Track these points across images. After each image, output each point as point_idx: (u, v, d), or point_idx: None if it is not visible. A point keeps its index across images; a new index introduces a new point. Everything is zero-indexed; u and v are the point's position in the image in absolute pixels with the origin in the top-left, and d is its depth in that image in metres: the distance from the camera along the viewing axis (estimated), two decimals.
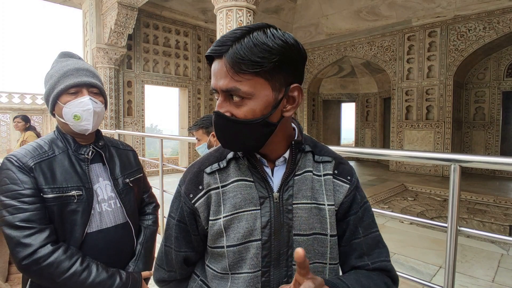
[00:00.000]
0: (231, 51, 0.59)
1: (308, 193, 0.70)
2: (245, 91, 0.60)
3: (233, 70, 0.59)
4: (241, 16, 4.04)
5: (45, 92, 1.09)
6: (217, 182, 0.70)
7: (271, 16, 9.31)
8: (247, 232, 0.66)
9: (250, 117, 0.62)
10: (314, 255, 0.69)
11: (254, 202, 0.68)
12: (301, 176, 0.71)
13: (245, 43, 0.59)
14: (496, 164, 1.19)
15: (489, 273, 2.60)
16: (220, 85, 0.61)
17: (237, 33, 0.61)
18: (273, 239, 0.67)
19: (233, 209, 0.67)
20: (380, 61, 8.79)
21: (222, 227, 0.67)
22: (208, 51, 0.63)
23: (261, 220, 0.67)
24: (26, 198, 0.94)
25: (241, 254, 0.67)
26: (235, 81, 0.60)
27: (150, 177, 7.60)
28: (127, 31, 6.88)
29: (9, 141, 7.84)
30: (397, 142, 8.56)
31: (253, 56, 0.58)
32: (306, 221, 0.68)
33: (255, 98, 0.61)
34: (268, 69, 0.60)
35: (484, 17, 7.04)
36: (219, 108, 0.63)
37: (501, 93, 7.83)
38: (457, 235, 1.22)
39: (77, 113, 1.05)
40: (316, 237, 0.69)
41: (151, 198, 1.35)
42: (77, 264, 0.96)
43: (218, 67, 0.62)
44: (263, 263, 0.67)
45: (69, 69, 1.07)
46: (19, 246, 0.92)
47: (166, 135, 4.26)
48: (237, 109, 0.62)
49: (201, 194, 0.70)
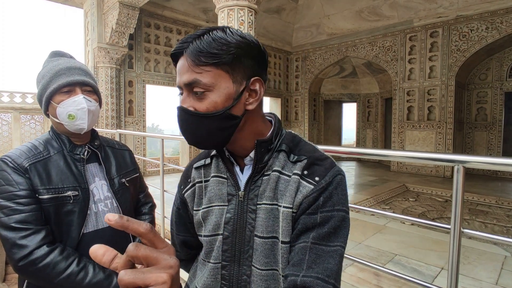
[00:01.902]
0: (191, 46, 0.63)
1: (271, 194, 0.67)
2: (206, 82, 0.62)
3: (194, 63, 0.62)
4: (243, 16, 4.02)
5: (37, 93, 1.08)
6: (201, 176, 0.77)
7: (273, 16, 9.30)
8: (216, 226, 0.71)
9: (212, 109, 0.63)
10: (272, 260, 0.65)
11: (223, 198, 0.72)
12: (269, 176, 0.68)
13: (204, 39, 0.63)
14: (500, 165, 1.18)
15: (492, 275, 2.58)
16: (183, 80, 0.64)
17: (198, 33, 0.64)
18: (234, 236, 0.69)
19: (208, 203, 0.73)
20: (382, 62, 8.77)
21: (201, 218, 0.73)
22: (172, 50, 0.67)
23: (225, 216, 0.70)
24: (22, 199, 0.94)
25: (211, 245, 0.71)
26: (196, 73, 0.62)
27: (151, 176, 7.60)
28: (128, 31, 6.88)
29: (10, 141, 7.84)
30: (398, 143, 8.53)
31: (211, 49, 0.61)
32: (265, 223, 0.66)
33: (216, 90, 0.63)
34: (227, 61, 0.62)
35: (486, 17, 7.00)
36: (182, 104, 0.66)
37: (503, 93, 7.78)
38: (461, 237, 1.21)
39: (71, 112, 1.04)
40: (274, 241, 0.65)
41: (147, 198, 1.34)
42: (73, 265, 0.96)
43: (181, 64, 0.65)
44: (223, 257, 0.70)
45: (61, 68, 1.06)
46: (15, 248, 0.91)
47: (167, 135, 4.24)
48: (199, 103, 0.64)
49: (189, 186, 0.79)
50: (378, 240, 3.38)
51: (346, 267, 2.63)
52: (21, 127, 7.94)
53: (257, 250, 0.66)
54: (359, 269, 2.61)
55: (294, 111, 10.98)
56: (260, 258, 0.66)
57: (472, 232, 1.24)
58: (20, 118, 7.94)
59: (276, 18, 9.42)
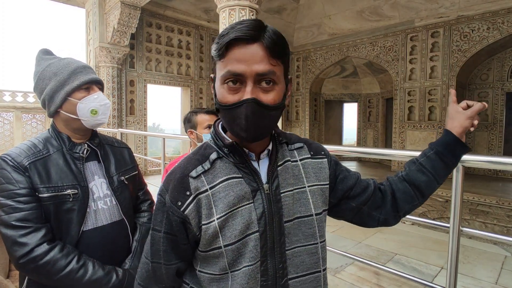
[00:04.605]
0: (268, 35, 0.63)
1: (291, 181, 0.74)
2: (278, 75, 0.65)
3: (271, 55, 0.62)
4: (244, 16, 4.04)
5: (48, 89, 1.06)
6: (205, 184, 0.68)
7: (274, 16, 9.30)
8: (244, 227, 0.67)
9: (278, 101, 0.66)
10: (303, 237, 0.73)
11: (247, 196, 0.69)
12: (283, 166, 0.75)
13: (271, 31, 0.64)
14: (499, 164, 1.18)
15: (492, 274, 2.58)
16: (256, 69, 0.62)
17: (254, 22, 0.63)
18: (268, 229, 0.69)
19: (227, 208, 0.67)
20: (383, 62, 8.76)
21: (218, 228, 0.66)
22: (241, 34, 0.61)
23: (256, 212, 0.69)
24: (22, 197, 0.95)
25: (240, 250, 0.67)
26: (271, 65, 0.63)
27: (152, 176, 7.61)
28: (130, 30, 6.90)
29: (12, 140, 7.87)
30: (399, 143, 8.53)
31: (281, 43, 0.64)
32: (292, 207, 0.73)
33: (280, 84, 0.66)
34: (287, 58, 0.68)
35: (488, 17, 6.99)
36: (252, 95, 0.62)
37: (504, 94, 7.77)
38: (460, 236, 1.21)
39: (94, 107, 1.09)
40: (302, 220, 0.74)
41: (146, 195, 1.35)
42: (73, 262, 0.97)
43: (251, 51, 0.62)
44: (262, 253, 0.68)
45: (78, 66, 1.09)
46: (16, 245, 0.92)
47: (168, 134, 4.26)
48: (265, 95, 0.64)
49: (190, 200, 0.67)
50: (378, 239, 3.39)
51: (346, 266, 2.63)
52: (22, 126, 7.97)
53: (290, 234, 0.72)
54: (360, 268, 2.61)
55: (295, 111, 10.98)
56: (293, 241, 0.72)
57: (471, 230, 1.24)
58: (21, 117, 7.96)
59: (277, 18, 9.42)
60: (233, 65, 0.62)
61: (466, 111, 0.85)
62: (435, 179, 0.84)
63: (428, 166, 0.84)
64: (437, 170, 0.84)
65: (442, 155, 0.84)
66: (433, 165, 0.84)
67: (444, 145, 0.84)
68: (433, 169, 0.84)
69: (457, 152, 0.85)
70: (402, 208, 0.85)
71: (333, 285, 2.35)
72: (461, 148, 0.85)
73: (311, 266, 0.74)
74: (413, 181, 0.84)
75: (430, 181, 0.84)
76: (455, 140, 0.84)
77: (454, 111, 0.87)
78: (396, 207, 0.85)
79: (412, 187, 0.84)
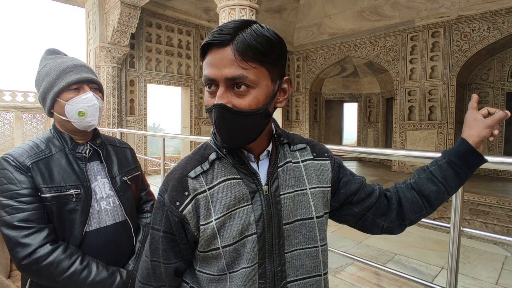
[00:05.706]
0: (239, 39, 0.60)
1: (292, 182, 0.73)
2: (252, 79, 0.61)
3: (241, 58, 0.60)
4: (244, 15, 4.04)
5: (41, 90, 1.06)
6: (203, 185, 0.69)
7: (274, 15, 9.30)
8: (242, 229, 0.67)
9: (254, 107, 0.62)
10: (304, 240, 0.73)
11: (245, 198, 0.68)
12: (284, 167, 0.74)
13: (249, 32, 0.60)
14: (500, 164, 1.18)
15: (492, 275, 2.58)
16: (225, 73, 0.60)
17: (236, 23, 0.61)
18: (266, 231, 0.69)
19: (225, 209, 0.67)
20: (383, 61, 8.76)
21: (215, 229, 0.66)
22: (211, 39, 0.61)
23: (254, 214, 0.68)
24: (24, 198, 0.93)
25: (238, 252, 0.67)
26: (242, 68, 0.60)
27: (152, 176, 7.61)
28: (130, 30, 6.89)
29: (12, 139, 7.86)
30: (399, 143, 8.52)
31: (259, 45, 0.60)
32: (292, 210, 0.72)
33: (258, 87, 0.62)
34: (270, 61, 0.63)
35: (488, 17, 6.98)
36: (221, 100, 0.61)
37: (505, 94, 7.76)
38: (460, 236, 1.21)
39: (82, 109, 1.04)
40: (302, 222, 0.73)
41: (149, 195, 1.34)
42: (76, 263, 0.95)
43: (220, 55, 0.61)
44: (260, 255, 0.68)
45: (68, 66, 1.05)
46: (18, 246, 0.91)
47: (168, 134, 4.26)
48: (239, 100, 0.62)
49: (188, 200, 0.67)
50: (378, 239, 3.39)
51: (346, 266, 2.64)
52: (22, 126, 7.97)
53: (289, 236, 0.71)
54: (360, 268, 2.61)
55: (295, 110, 10.97)
56: (293, 244, 0.71)
57: (471, 230, 1.24)
58: (21, 117, 7.96)
59: (277, 17, 9.41)
60: (208, 69, 0.63)
61: (486, 120, 0.77)
62: (446, 190, 0.79)
63: (439, 176, 0.79)
64: (448, 180, 0.79)
65: (455, 165, 0.78)
66: (444, 175, 0.79)
67: (458, 155, 0.78)
68: (444, 179, 0.79)
69: (471, 163, 0.78)
70: (408, 217, 0.81)
71: (333, 285, 2.35)
72: (476, 158, 0.78)
73: (311, 269, 0.73)
74: (422, 190, 0.80)
75: (440, 192, 0.79)
76: (470, 150, 0.77)
77: (472, 118, 0.79)
78: (401, 216, 0.82)
79: (420, 196, 0.80)
